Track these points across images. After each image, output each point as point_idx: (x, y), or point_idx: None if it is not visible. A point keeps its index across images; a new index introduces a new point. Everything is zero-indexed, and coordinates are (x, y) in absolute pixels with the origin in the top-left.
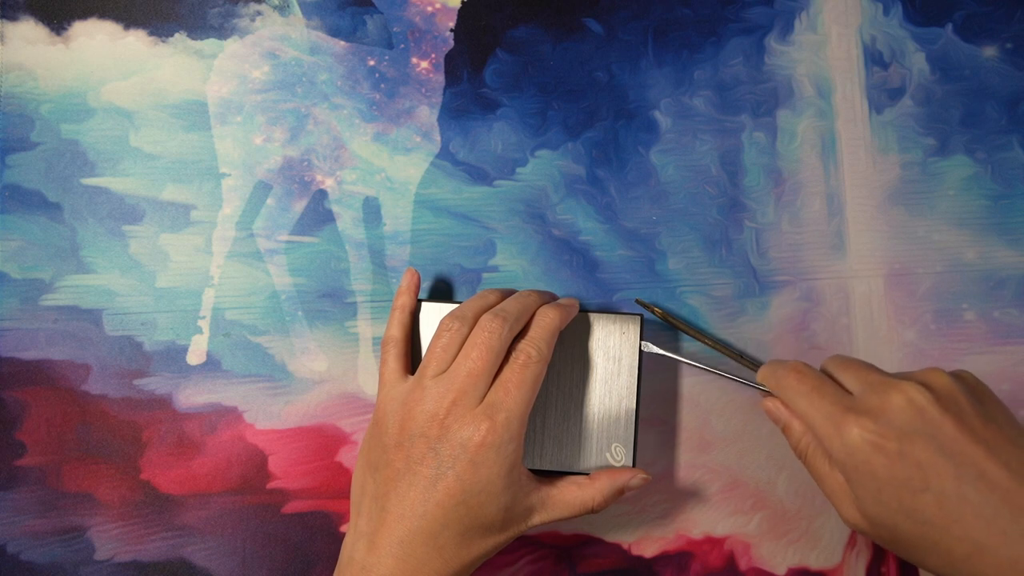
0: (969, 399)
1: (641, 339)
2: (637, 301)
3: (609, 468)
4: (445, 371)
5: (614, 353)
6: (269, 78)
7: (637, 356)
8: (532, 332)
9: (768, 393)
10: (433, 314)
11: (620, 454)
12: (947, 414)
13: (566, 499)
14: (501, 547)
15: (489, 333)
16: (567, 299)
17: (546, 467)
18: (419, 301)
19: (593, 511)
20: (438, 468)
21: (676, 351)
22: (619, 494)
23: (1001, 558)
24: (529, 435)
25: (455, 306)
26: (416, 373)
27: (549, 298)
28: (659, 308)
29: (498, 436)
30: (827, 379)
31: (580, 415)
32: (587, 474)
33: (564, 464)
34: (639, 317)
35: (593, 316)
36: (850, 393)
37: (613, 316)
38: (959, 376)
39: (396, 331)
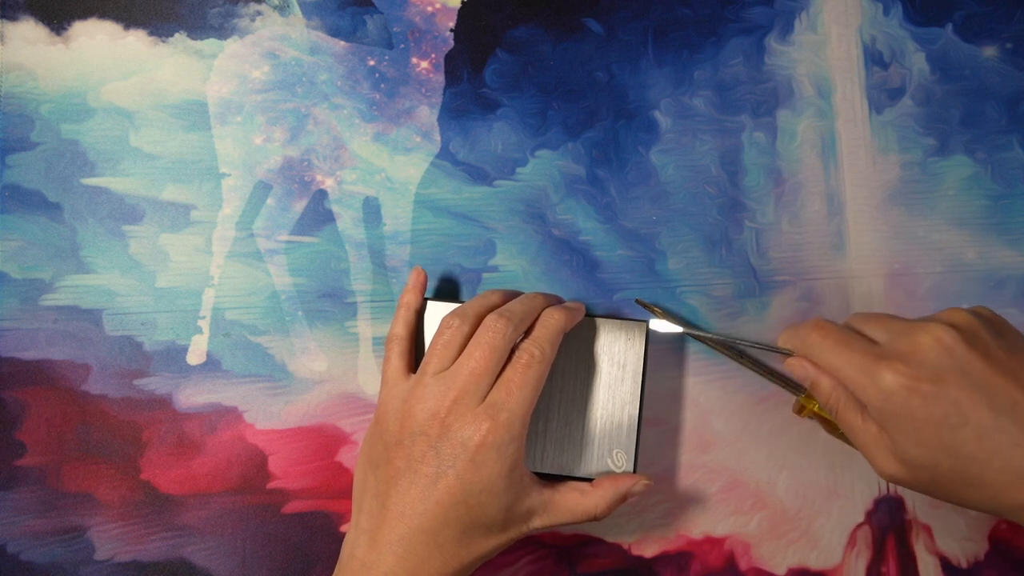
0: (991, 333)
1: (647, 345)
2: (637, 301)
3: (611, 475)
4: (446, 369)
5: (619, 359)
6: (269, 78)
7: (642, 362)
8: (536, 332)
9: (788, 356)
10: (438, 313)
11: (621, 460)
12: (974, 350)
13: (569, 505)
14: (501, 548)
15: (493, 333)
16: (573, 302)
17: (546, 470)
18: (424, 300)
19: (596, 519)
20: (439, 467)
21: (680, 350)
22: (622, 501)
23: None
24: (531, 437)
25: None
26: (418, 371)
27: (555, 301)
28: (659, 308)
29: (499, 436)
30: (851, 332)
31: (583, 419)
32: (588, 479)
33: (565, 468)
34: (645, 323)
35: (599, 321)
36: (876, 343)
37: (619, 322)
38: (977, 312)
39: (400, 329)
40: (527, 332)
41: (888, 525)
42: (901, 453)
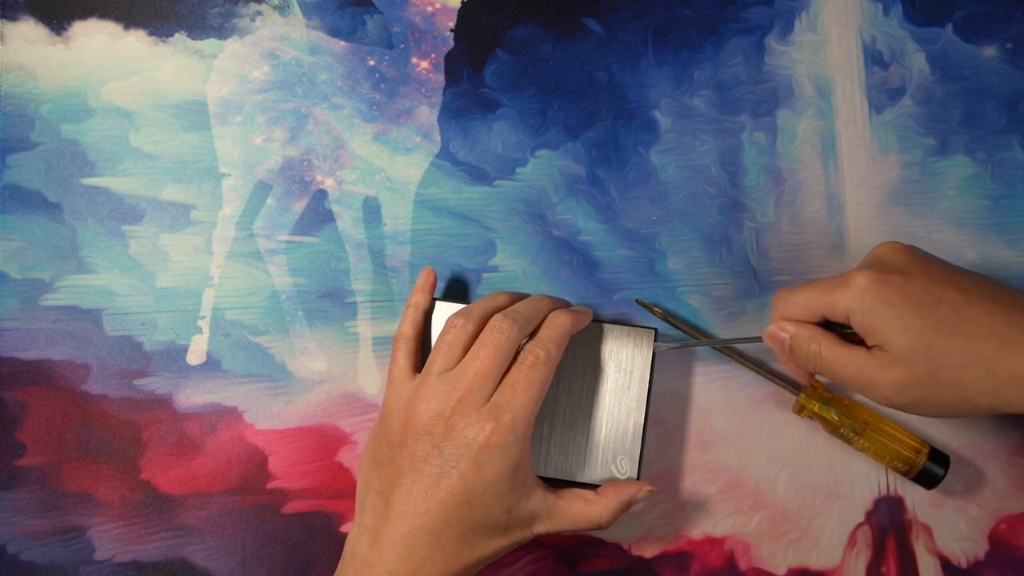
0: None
1: (654, 353)
2: (637, 301)
3: (615, 482)
4: (451, 369)
5: (626, 365)
6: (269, 78)
7: (649, 370)
8: (542, 334)
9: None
10: (446, 314)
11: (625, 466)
12: (926, 257)
13: (573, 513)
14: (504, 552)
15: (499, 333)
16: (580, 307)
17: (550, 474)
18: (433, 300)
19: (600, 527)
20: (442, 467)
21: (681, 350)
22: (626, 508)
23: None
24: (535, 441)
25: None
26: (423, 371)
27: (562, 304)
28: (659, 308)
29: (503, 437)
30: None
31: (588, 425)
32: (591, 484)
33: (568, 473)
34: (653, 331)
35: (607, 327)
36: None
37: (627, 329)
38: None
39: (408, 328)
40: (533, 334)
41: (888, 525)
42: (892, 350)
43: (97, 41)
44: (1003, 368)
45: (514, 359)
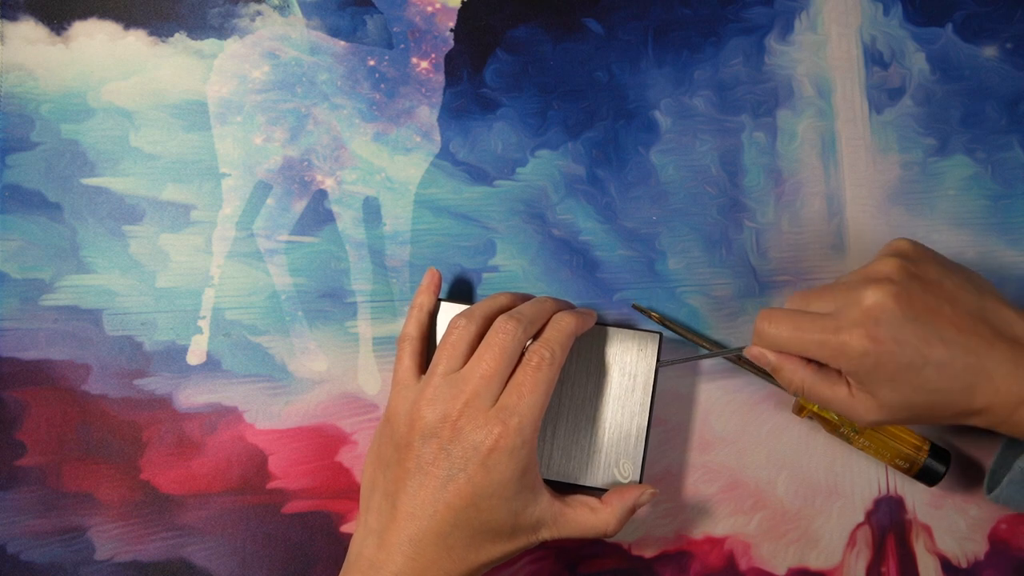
0: (919, 269)
1: (659, 358)
2: (634, 306)
3: (618, 487)
4: (456, 370)
5: (630, 369)
6: (269, 78)
7: (653, 374)
8: (546, 334)
9: (764, 374)
10: (451, 315)
11: (628, 470)
12: (914, 296)
13: (579, 521)
14: (509, 556)
15: (503, 334)
16: (584, 308)
17: (552, 477)
18: (438, 301)
19: (607, 536)
20: (449, 469)
21: (680, 351)
22: (631, 514)
23: (994, 387)
24: (539, 444)
25: None
26: (427, 372)
27: (565, 306)
28: (656, 313)
29: (511, 440)
30: (797, 311)
31: (591, 428)
32: (593, 487)
33: (571, 476)
34: (658, 335)
35: (611, 330)
36: (825, 315)
37: (632, 332)
38: (899, 252)
39: (412, 329)
40: (537, 335)
41: (888, 525)
42: (880, 400)
43: (97, 41)
44: (967, 406)
45: (519, 360)
